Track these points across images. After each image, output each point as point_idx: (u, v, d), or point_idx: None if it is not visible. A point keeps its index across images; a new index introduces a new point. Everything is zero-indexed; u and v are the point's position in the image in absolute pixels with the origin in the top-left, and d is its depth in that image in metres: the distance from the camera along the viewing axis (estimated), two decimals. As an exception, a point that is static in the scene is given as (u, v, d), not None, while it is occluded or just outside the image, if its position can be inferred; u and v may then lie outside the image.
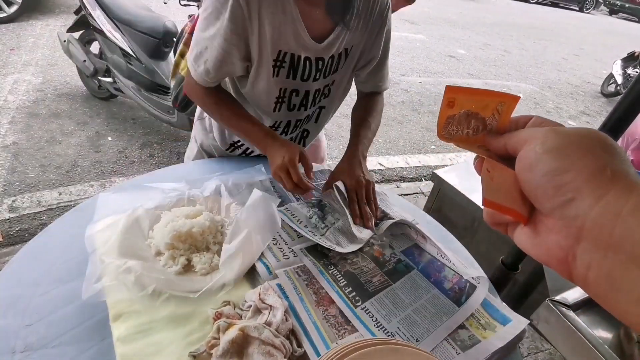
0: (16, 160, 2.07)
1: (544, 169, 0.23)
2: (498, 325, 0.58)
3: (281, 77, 0.79)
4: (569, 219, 0.22)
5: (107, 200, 0.71)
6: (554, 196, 0.23)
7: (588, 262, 0.22)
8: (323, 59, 0.79)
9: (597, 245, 0.21)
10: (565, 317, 0.47)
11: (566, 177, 0.22)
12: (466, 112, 0.30)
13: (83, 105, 2.65)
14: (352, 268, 0.65)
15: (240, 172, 0.86)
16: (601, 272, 0.21)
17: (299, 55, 0.76)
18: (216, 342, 0.50)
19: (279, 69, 0.77)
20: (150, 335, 0.51)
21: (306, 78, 0.81)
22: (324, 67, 0.81)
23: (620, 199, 0.21)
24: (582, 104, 4.83)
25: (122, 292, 0.54)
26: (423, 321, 0.58)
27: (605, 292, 0.21)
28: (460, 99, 0.30)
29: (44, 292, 0.55)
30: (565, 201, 0.22)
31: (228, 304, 0.56)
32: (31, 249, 0.61)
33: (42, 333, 0.50)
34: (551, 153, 0.23)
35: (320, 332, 0.55)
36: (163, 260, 0.62)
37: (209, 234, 0.66)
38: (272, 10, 0.69)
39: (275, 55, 0.75)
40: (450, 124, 0.31)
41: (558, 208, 0.23)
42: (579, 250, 0.22)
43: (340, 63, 0.83)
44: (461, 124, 0.30)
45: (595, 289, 0.22)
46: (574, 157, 0.22)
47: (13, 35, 3.36)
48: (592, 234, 0.21)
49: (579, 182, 0.22)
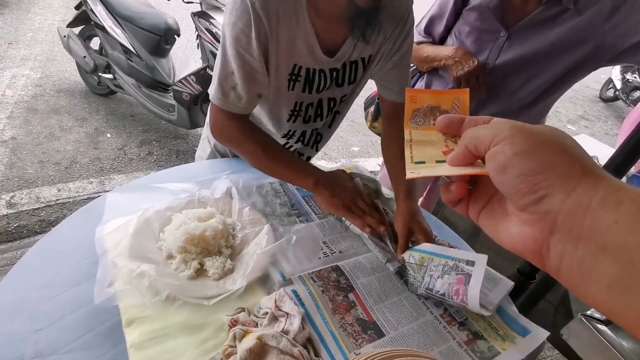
0: (14, 155, 2.03)
1: (516, 170, 0.24)
2: (517, 336, 0.58)
3: (297, 91, 0.78)
4: (542, 213, 0.23)
5: (116, 201, 0.70)
6: (527, 194, 0.24)
7: (561, 252, 0.23)
8: (337, 69, 0.78)
9: (570, 237, 0.22)
10: (598, 332, 0.46)
11: (539, 177, 0.23)
12: (430, 106, 0.34)
13: (82, 101, 2.61)
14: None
15: (249, 172, 0.85)
16: (573, 262, 0.22)
17: (314, 68, 0.75)
18: (233, 351, 0.48)
19: (294, 82, 0.76)
20: (164, 342, 0.50)
21: (321, 89, 0.80)
22: (338, 76, 0.80)
23: (589, 191, 0.22)
24: (581, 108, 4.86)
25: (135, 297, 0.52)
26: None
27: (577, 281, 0.22)
28: (420, 96, 0.34)
29: (54, 296, 0.53)
30: (538, 198, 0.23)
31: (243, 310, 0.55)
32: (39, 251, 0.59)
33: (52, 338, 0.48)
34: (522, 155, 0.24)
35: (338, 341, 0.54)
36: (175, 264, 0.60)
37: (221, 237, 0.64)
38: (288, 24, 0.68)
39: (290, 69, 0.74)
40: (416, 116, 0.34)
41: (531, 204, 0.24)
42: (552, 242, 0.23)
43: (357, 73, 0.82)
44: (427, 116, 0.34)
45: (567, 277, 0.23)
46: (545, 157, 0.23)
47: (11, 29, 3.31)
48: (564, 226, 0.22)
49: (552, 179, 0.23)
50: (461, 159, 0.28)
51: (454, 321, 0.60)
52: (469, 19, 1.03)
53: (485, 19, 0.99)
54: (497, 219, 0.28)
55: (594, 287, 0.21)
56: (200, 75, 2.04)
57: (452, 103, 0.34)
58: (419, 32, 1.18)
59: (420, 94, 0.34)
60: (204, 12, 2.02)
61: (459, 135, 0.31)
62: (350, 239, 0.73)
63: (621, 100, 5.02)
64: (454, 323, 0.59)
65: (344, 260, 0.66)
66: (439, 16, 1.10)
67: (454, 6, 1.05)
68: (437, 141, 0.32)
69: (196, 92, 2.08)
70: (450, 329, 0.58)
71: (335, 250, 0.69)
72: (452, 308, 0.62)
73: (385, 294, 0.62)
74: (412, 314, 0.60)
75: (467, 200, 0.31)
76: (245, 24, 0.66)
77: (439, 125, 0.31)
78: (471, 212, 0.31)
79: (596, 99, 5.29)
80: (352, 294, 0.61)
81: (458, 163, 0.29)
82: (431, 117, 0.34)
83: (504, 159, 0.24)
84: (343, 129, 3.06)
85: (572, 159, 0.23)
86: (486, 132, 0.26)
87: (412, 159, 0.31)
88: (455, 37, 1.07)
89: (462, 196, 0.31)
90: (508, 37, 0.98)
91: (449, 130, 0.31)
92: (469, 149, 0.27)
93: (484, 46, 1.01)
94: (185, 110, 2.16)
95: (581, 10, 0.90)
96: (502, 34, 0.98)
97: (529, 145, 0.24)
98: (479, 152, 0.27)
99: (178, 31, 2.27)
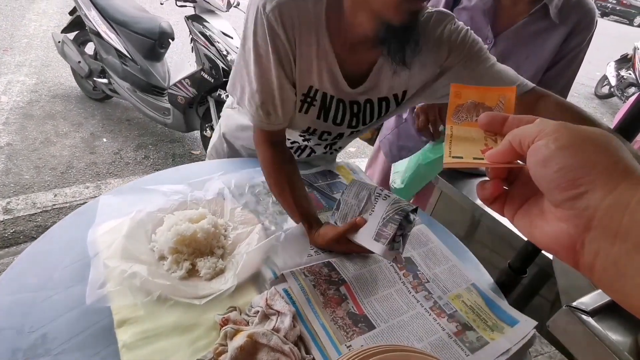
0: (10, 161, 2.03)
1: (558, 164, 0.24)
2: (506, 326, 0.59)
3: (311, 116, 0.73)
4: (580, 209, 0.23)
5: (109, 203, 0.70)
6: (567, 189, 0.24)
7: (596, 250, 0.23)
8: (358, 102, 0.72)
9: (606, 234, 0.22)
10: (584, 323, 0.47)
11: (580, 172, 0.23)
12: (474, 102, 0.34)
13: (77, 106, 2.62)
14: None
15: (242, 173, 0.85)
16: (608, 260, 0.22)
17: (332, 95, 0.70)
18: (224, 349, 0.49)
19: (308, 105, 0.71)
20: (155, 342, 0.50)
21: (339, 122, 0.74)
22: (359, 112, 0.74)
23: (630, 190, 0.22)
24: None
25: (127, 297, 0.53)
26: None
27: (611, 279, 0.23)
28: (465, 92, 0.34)
29: (46, 297, 0.54)
30: (578, 193, 0.23)
31: (234, 309, 0.56)
32: (32, 253, 0.60)
33: (44, 340, 0.48)
34: (565, 149, 0.24)
35: (329, 335, 0.54)
36: (167, 265, 0.61)
37: (212, 238, 0.65)
38: (306, 41, 0.64)
39: (305, 90, 0.69)
40: (459, 112, 0.34)
41: (570, 200, 0.24)
42: (587, 239, 0.23)
43: (386, 109, 0.76)
44: (470, 112, 0.33)
45: (601, 275, 0.23)
46: (588, 153, 0.23)
47: (6, 36, 3.31)
48: (601, 224, 0.22)
49: (593, 176, 0.23)
50: (501, 155, 0.28)
51: (443, 313, 0.61)
52: (460, 19, 1.03)
53: (476, 22, 0.99)
54: (533, 218, 0.28)
55: (628, 285, 0.21)
56: (195, 79, 2.05)
57: (497, 100, 0.34)
58: None
59: (466, 90, 0.34)
60: (197, 16, 2.03)
61: (501, 133, 0.30)
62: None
63: (616, 96, 5.05)
64: (443, 315, 0.60)
65: (335, 257, 0.67)
66: None
67: (445, 4, 1.05)
68: (477, 138, 0.31)
69: (191, 96, 2.09)
70: (440, 321, 0.59)
71: None
72: (441, 300, 0.63)
73: (375, 287, 0.63)
74: (402, 307, 0.60)
75: (503, 199, 0.31)
76: (262, 38, 0.62)
77: (481, 122, 0.31)
78: (507, 211, 0.31)
79: (591, 95, 5.32)
80: (344, 286, 0.62)
81: (497, 159, 0.28)
82: (474, 114, 0.33)
83: (547, 152, 0.24)
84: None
85: (616, 158, 0.23)
86: (532, 128, 0.26)
87: (450, 153, 0.31)
88: None
89: (498, 194, 0.31)
90: (494, 45, 0.98)
91: (490, 127, 0.31)
92: (513, 145, 0.27)
93: None
94: (180, 114, 2.16)
95: (566, 26, 0.93)
96: (488, 42, 0.98)
97: (573, 141, 0.24)
98: (523, 148, 0.26)
99: (172, 35, 2.27)
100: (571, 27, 0.94)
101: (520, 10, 0.96)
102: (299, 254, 0.65)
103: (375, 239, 0.59)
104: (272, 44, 0.62)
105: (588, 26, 0.95)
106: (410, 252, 0.71)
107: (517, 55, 0.98)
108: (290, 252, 0.65)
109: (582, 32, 0.95)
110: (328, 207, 0.81)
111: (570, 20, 0.93)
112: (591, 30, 0.96)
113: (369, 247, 0.60)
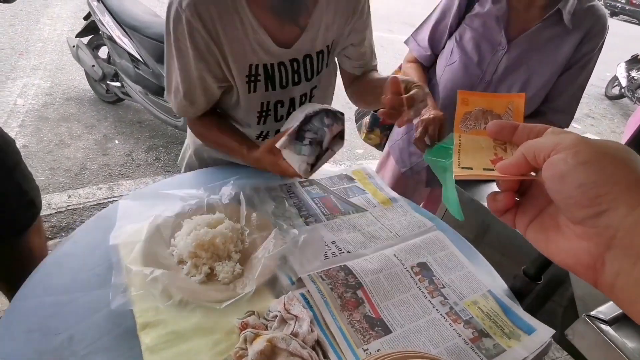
0: (26, 163, 2.07)
1: (578, 180, 0.23)
2: (522, 334, 0.58)
3: (260, 92, 0.76)
4: (601, 227, 0.23)
5: (128, 208, 0.72)
6: (587, 207, 0.23)
7: (617, 269, 0.22)
8: (297, 59, 0.76)
9: (628, 253, 0.22)
10: (603, 332, 0.47)
11: (602, 190, 0.22)
12: (482, 110, 0.33)
13: (91, 109, 2.67)
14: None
15: (257, 177, 0.86)
16: (630, 279, 0.22)
17: (272, 63, 0.73)
18: (244, 353, 0.50)
19: (254, 83, 0.75)
20: (177, 345, 0.51)
21: (285, 84, 0.78)
22: (300, 69, 0.78)
23: None
24: (586, 106, 4.82)
25: (149, 301, 0.54)
26: None
27: (632, 299, 0.22)
28: (472, 99, 0.33)
29: (72, 300, 0.55)
30: (600, 211, 0.23)
31: (252, 313, 0.57)
32: (57, 257, 0.62)
33: (70, 342, 0.50)
34: (586, 165, 0.23)
35: (346, 338, 0.55)
36: (186, 269, 0.62)
37: (230, 242, 0.66)
38: (229, 26, 0.67)
39: (247, 71, 0.72)
40: (467, 119, 0.33)
41: (590, 218, 0.23)
42: (608, 258, 0.23)
43: (321, 63, 0.81)
44: (478, 119, 0.33)
45: (622, 295, 0.23)
46: (610, 170, 0.23)
47: (21, 40, 3.39)
48: (623, 242, 0.22)
49: (615, 193, 0.22)
50: (514, 167, 0.27)
51: (459, 319, 0.61)
52: (472, 25, 1.03)
53: (489, 28, 0.99)
54: (547, 232, 0.27)
55: None
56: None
57: (505, 107, 0.33)
58: (418, 41, 1.16)
59: (473, 97, 0.34)
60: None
61: (510, 142, 0.30)
62: (357, 239, 0.74)
63: (627, 97, 4.98)
64: (460, 321, 0.60)
65: (352, 260, 0.67)
66: (442, 19, 1.10)
67: (458, 11, 1.05)
68: (486, 147, 0.30)
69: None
70: (456, 327, 0.59)
71: (343, 250, 0.71)
72: (457, 306, 0.63)
73: (392, 291, 0.63)
74: (418, 312, 0.61)
75: (515, 210, 0.30)
76: (181, 34, 0.65)
77: (490, 130, 0.30)
78: (518, 224, 0.30)
79: (601, 96, 5.24)
80: (360, 290, 0.62)
81: (509, 172, 0.27)
82: (482, 121, 0.33)
83: (565, 167, 0.23)
84: (347, 132, 3.07)
85: (636, 174, 0.22)
86: (547, 140, 0.25)
87: (460, 164, 0.30)
88: (455, 41, 1.06)
89: (510, 206, 0.30)
90: (507, 51, 0.98)
91: (500, 136, 0.30)
92: (526, 158, 0.26)
93: (484, 56, 1.01)
94: (191, 116, 2.19)
95: (579, 32, 0.93)
96: (501, 48, 0.98)
97: (593, 157, 0.23)
98: (537, 161, 0.25)
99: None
100: (584, 33, 0.94)
101: (534, 15, 0.96)
102: (315, 257, 0.66)
103: (287, 141, 0.63)
104: (191, 39, 0.65)
105: (600, 32, 0.95)
106: (426, 257, 0.72)
107: (530, 60, 0.98)
108: (307, 256, 0.66)
109: (594, 38, 0.95)
110: (345, 212, 0.82)
111: (583, 26, 0.93)
112: (603, 37, 0.96)
113: (283, 152, 0.65)
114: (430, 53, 1.14)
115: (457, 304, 0.64)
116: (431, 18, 1.13)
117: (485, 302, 0.65)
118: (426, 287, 0.66)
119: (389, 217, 0.83)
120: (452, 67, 1.07)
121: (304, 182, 0.89)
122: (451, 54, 1.07)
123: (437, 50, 1.13)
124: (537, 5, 0.95)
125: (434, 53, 1.14)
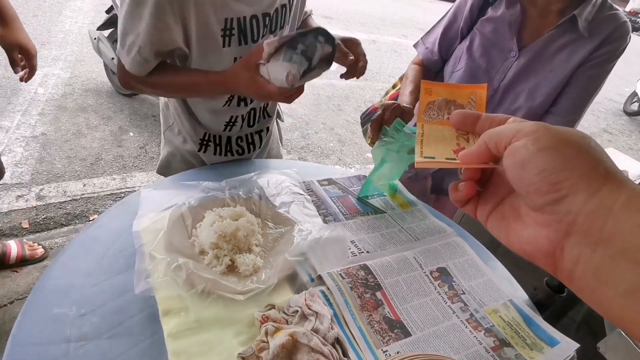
0: (44, 150, 2.12)
1: (539, 166, 0.23)
2: (545, 346, 0.57)
3: (234, 46, 0.75)
4: (561, 214, 0.22)
5: (150, 196, 0.73)
6: (547, 193, 0.23)
7: (576, 256, 0.22)
8: (269, 14, 0.76)
9: (587, 240, 0.22)
10: (637, 346, 0.46)
11: (562, 175, 0.22)
12: (445, 100, 0.33)
13: (108, 100, 2.71)
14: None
15: (278, 172, 0.87)
16: (589, 267, 0.21)
17: (245, 16, 0.73)
18: (265, 346, 0.50)
19: (229, 38, 0.74)
20: (199, 333, 0.52)
21: (257, 38, 0.77)
22: (270, 23, 0.78)
23: (612, 194, 0.21)
24: (604, 121, 4.75)
25: (172, 288, 0.54)
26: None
27: (592, 286, 0.22)
28: (436, 89, 0.34)
29: (96, 283, 0.56)
30: (559, 197, 0.22)
31: (273, 307, 0.57)
32: (82, 240, 0.63)
33: (95, 323, 0.51)
34: (545, 151, 0.23)
35: (366, 338, 0.55)
36: (207, 259, 0.62)
37: (252, 235, 0.66)
38: None
39: (222, 25, 0.71)
40: (430, 109, 0.33)
41: (550, 204, 0.23)
42: (568, 245, 0.22)
43: (285, 16, 0.82)
44: (441, 110, 0.33)
45: (581, 282, 0.22)
46: (570, 155, 0.23)
47: (44, 31, 3.46)
48: (582, 229, 0.22)
49: (574, 179, 0.22)
50: (476, 156, 0.27)
51: (479, 326, 0.60)
52: (484, 30, 0.99)
53: (500, 33, 0.96)
54: (508, 221, 0.27)
55: (610, 293, 0.21)
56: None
57: (468, 98, 0.33)
58: (426, 45, 1.12)
59: (436, 87, 0.34)
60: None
61: (473, 132, 0.30)
62: (377, 240, 0.74)
63: (645, 114, 4.89)
64: (480, 329, 0.60)
65: (371, 260, 0.67)
66: (453, 23, 1.06)
67: (470, 15, 1.02)
68: (449, 137, 0.30)
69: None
70: (477, 334, 0.58)
71: (363, 250, 0.71)
72: (477, 314, 0.62)
73: (411, 294, 0.63)
74: (438, 317, 0.60)
75: (476, 201, 0.30)
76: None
77: (453, 120, 0.30)
78: (479, 214, 0.30)
79: (620, 112, 5.16)
80: (380, 292, 0.62)
81: (471, 160, 0.28)
82: (445, 111, 0.33)
83: (526, 154, 0.23)
84: (358, 135, 3.07)
85: (596, 160, 0.22)
86: (508, 128, 0.25)
87: (422, 153, 0.30)
88: (465, 47, 1.03)
89: (471, 196, 0.30)
90: (517, 58, 0.95)
91: (463, 126, 0.30)
92: (488, 146, 0.26)
93: (493, 63, 0.98)
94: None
95: (597, 38, 0.88)
96: (512, 55, 0.95)
97: (554, 143, 0.23)
98: (499, 149, 0.25)
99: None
100: (603, 38, 0.89)
101: (548, 22, 0.92)
102: (337, 258, 0.66)
103: (277, 45, 0.62)
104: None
105: (621, 38, 0.89)
106: (446, 262, 0.71)
107: (540, 68, 0.94)
108: (328, 255, 0.65)
109: (613, 42, 0.89)
110: (363, 212, 0.82)
111: (602, 32, 0.89)
112: (624, 43, 0.90)
113: (263, 67, 0.64)
114: (437, 58, 1.10)
115: (477, 311, 0.63)
116: (442, 22, 1.10)
117: (506, 311, 0.64)
118: (446, 292, 0.65)
119: (408, 220, 0.82)
120: (458, 73, 1.04)
121: (323, 181, 0.89)
122: (459, 60, 1.04)
123: (445, 56, 1.10)
124: (553, 11, 0.91)
125: (442, 58, 1.11)
